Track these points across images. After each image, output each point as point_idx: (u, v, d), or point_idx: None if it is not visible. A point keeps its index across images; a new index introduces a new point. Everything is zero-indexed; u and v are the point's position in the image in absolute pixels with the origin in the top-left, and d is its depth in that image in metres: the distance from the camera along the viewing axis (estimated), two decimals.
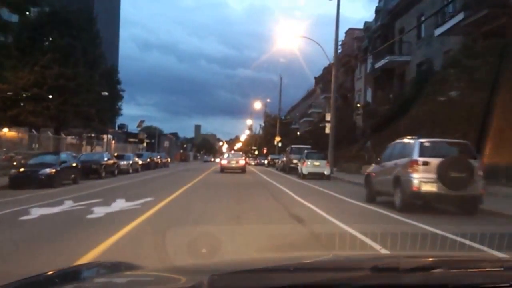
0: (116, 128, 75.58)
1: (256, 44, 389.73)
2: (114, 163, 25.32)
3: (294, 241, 6.48)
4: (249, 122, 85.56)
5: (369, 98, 35.46)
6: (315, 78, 55.05)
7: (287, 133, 67.93)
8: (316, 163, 23.46)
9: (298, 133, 68.65)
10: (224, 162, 31.89)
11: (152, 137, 66.97)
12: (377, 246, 5.66)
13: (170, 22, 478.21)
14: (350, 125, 34.92)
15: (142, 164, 33.03)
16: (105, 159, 23.97)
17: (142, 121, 52.32)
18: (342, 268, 1.69)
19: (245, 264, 1.97)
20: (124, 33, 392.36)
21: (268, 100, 76.12)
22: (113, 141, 51.25)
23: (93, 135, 40.46)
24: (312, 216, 9.46)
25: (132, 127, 69.98)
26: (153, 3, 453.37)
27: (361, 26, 38.08)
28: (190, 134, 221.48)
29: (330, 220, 8.78)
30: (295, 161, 28.44)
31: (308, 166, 23.53)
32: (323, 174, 23.19)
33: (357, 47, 39.19)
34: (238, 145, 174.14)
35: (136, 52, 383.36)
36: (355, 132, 35.18)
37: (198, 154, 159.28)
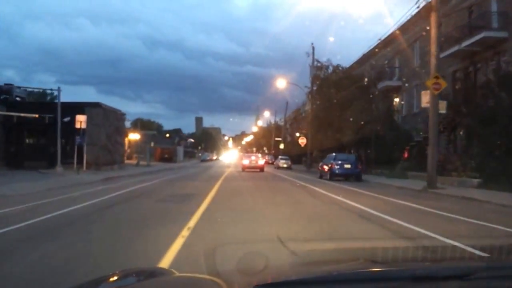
0: None
1: (263, 40, 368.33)
2: None
3: None
4: (281, 83, 43.70)
5: None
6: None
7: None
8: None
9: (396, 100, 29.96)
10: (245, 162, 34.05)
11: (68, 111, 27.74)
12: None
13: (176, 19, 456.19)
14: None
15: None
16: None
17: None
18: (382, 278, 1.64)
19: (285, 273, 1.92)
20: (130, 30, 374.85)
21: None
22: None
23: None
24: None
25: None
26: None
27: None
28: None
29: None
30: None
31: None
32: None
33: None
34: (247, 139, 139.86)
35: (143, 49, 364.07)
36: None
37: (195, 150, 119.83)
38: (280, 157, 47.65)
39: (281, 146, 64.32)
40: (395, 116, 29.43)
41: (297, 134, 62.89)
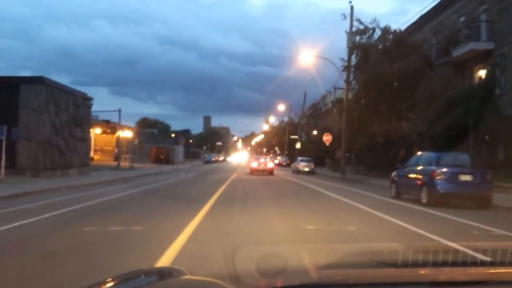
0: None
1: (277, 40, 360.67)
2: None
3: None
4: (307, 58, 31.62)
5: None
6: None
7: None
8: None
9: (481, 73, 19.40)
10: (254, 165, 31.99)
11: None
12: None
13: (192, 19, 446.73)
14: None
15: None
16: None
17: None
18: (401, 282, 1.58)
19: (300, 276, 1.71)
20: (146, 30, 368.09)
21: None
22: None
23: None
24: None
25: None
26: None
27: None
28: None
29: None
30: None
31: None
32: None
33: None
34: (256, 139, 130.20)
35: (158, 50, 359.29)
36: None
37: (200, 151, 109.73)
38: (300, 158, 37.35)
39: (298, 145, 53.97)
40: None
41: (315, 132, 52.58)
